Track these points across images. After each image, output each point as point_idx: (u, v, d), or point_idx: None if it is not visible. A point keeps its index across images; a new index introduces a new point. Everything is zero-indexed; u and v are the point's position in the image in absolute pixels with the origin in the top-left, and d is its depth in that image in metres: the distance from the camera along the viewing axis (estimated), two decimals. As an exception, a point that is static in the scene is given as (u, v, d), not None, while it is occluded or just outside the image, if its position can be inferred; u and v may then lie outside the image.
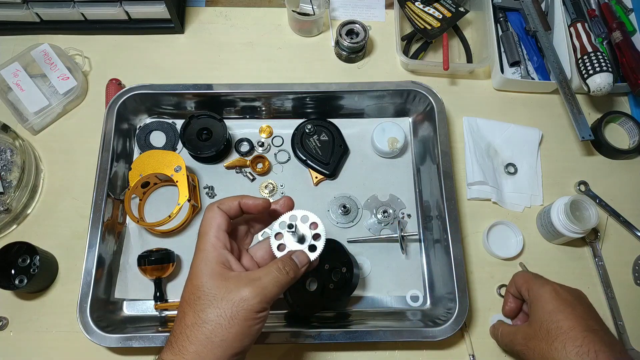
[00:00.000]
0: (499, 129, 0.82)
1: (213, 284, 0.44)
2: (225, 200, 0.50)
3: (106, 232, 0.69)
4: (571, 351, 0.51)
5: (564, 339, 0.52)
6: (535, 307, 0.57)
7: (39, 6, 0.82)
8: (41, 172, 0.77)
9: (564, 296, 0.57)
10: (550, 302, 0.56)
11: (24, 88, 0.79)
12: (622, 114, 0.82)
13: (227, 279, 0.45)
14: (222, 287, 0.44)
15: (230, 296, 0.44)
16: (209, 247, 0.47)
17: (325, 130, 0.79)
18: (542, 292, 0.57)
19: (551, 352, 0.52)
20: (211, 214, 0.49)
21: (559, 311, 0.55)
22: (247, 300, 0.43)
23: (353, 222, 0.76)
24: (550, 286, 0.58)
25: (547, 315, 0.55)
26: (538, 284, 0.59)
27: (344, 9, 0.93)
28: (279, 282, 0.46)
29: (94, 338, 0.62)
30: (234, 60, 0.87)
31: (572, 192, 0.79)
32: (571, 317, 0.54)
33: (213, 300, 0.44)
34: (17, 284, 0.68)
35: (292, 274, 0.47)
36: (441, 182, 0.71)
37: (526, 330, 0.58)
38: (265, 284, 0.45)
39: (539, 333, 0.55)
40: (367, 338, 0.64)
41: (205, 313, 0.43)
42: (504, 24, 0.88)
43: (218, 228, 0.48)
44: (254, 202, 0.50)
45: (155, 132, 0.80)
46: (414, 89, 0.77)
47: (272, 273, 0.46)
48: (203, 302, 0.44)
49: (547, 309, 0.56)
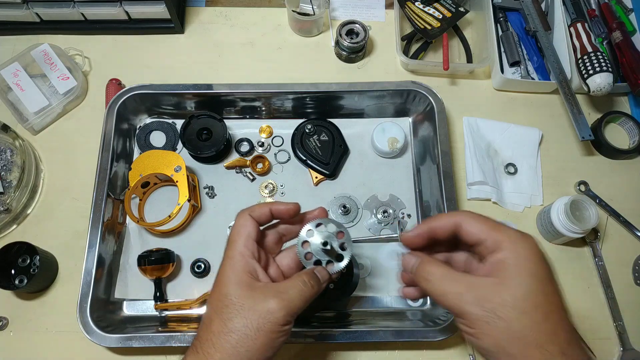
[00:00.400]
0: (499, 129, 0.82)
1: (240, 293, 0.44)
2: (256, 207, 0.50)
3: (106, 232, 0.69)
4: (562, 337, 0.38)
5: (556, 321, 0.38)
6: (517, 267, 0.39)
7: (39, 6, 0.82)
8: (41, 172, 0.77)
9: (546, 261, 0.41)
10: (541, 265, 0.40)
11: (24, 88, 0.79)
12: (622, 114, 0.82)
13: (254, 289, 0.45)
14: (249, 297, 0.44)
15: (257, 307, 0.43)
16: (237, 256, 0.46)
17: (325, 130, 0.79)
18: (529, 249, 0.40)
19: (537, 335, 0.37)
20: (242, 221, 0.48)
21: (550, 280, 0.40)
22: (273, 312, 0.43)
23: (353, 222, 0.76)
24: (534, 241, 0.41)
25: (536, 283, 0.39)
26: (516, 235, 0.41)
27: (344, 9, 0.93)
28: (304, 296, 0.45)
29: (94, 338, 0.62)
30: (234, 60, 0.87)
31: (572, 192, 0.79)
32: (558, 291, 0.41)
33: (240, 309, 0.43)
34: (17, 284, 0.68)
35: (316, 288, 0.47)
36: (441, 182, 0.71)
37: (495, 289, 0.39)
38: (291, 297, 0.45)
39: (521, 303, 0.38)
40: (367, 338, 0.64)
41: (232, 322, 0.43)
42: (504, 24, 0.88)
43: (247, 237, 0.47)
44: (286, 207, 0.50)
45: (155, 132, 0.80)
46: (414, 89, 0.77)
47: (297, 286, 0.46)
48: (230, 310, 0.44)
49: (538, 274, 0.39)
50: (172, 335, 0.63)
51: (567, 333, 0.38)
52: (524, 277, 0.39)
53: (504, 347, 0.37)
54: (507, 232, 0.41)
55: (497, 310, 0.38)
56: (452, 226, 0.44)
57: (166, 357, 0.67)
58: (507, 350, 0.37)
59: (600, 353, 0.69)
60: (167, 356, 0.67)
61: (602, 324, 0.71)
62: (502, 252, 0.40)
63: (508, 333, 0.37)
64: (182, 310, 0.69)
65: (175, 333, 0.63)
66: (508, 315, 0.37)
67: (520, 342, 0.37)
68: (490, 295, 0.39)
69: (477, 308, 0.38)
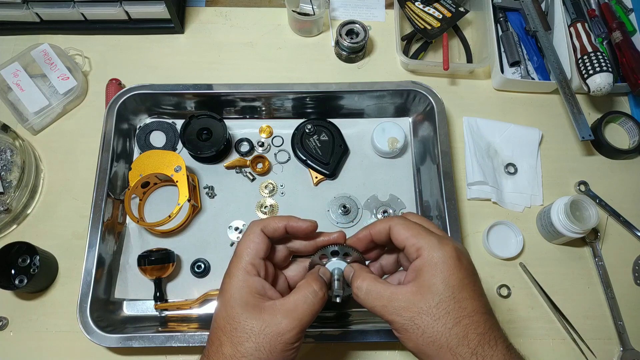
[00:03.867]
0: (499, 129, 0.82)
1: (249, 315, 0.44)
2: (270, 221, 0.48)
3: (106, 232, 0.69)
4: (473, 339, 0.40)
5: (467, 324, 0.41)
6: (432, 276, 0.42)
7: (39, 6, 0.82)
8: (41, 172, 0.77)
9: (465, 264, 0.43)
10: (455, 273, 0.42)
11: (24, 88, 0.79)
12: (622, 114, 0.82)
13: (263, 311, 0.44)
14: (258, 320, 0.43)
15: (268, 330, 0.43)
16: (242, 274, 0.46)
17: (325, 130, 0.79)
18: (443, 257, 0.43)
19: (448, 339, 0.40)
20: (252, 236, 0.47)
21: (463, 287, 0.42)
22: (284, 333, 0.43)
23: (353, 222, 0.76)
24: (451, 248, 0.43)
25: (448, 291, 0.41)
26: (434, 243, 0.43)
27: (344, 9, 0.93)
28: (314, 310, 0.45)
29: (94, 338, 0.62)
30: (234, 60, 0.87)
31: (572, 192, 0.79)
32: (474, 296, 0.42)
33: (251, 334, 0.43)
34: (17, 284, 0.68)
35: (323, 293, 0.46)
36: (441, 182, 0.71)
37: (412, 299, 0.42)
38: (301, 315, 0.44)
39: (434, 311, 0.41)
40: (367, 338, 0.64)
41: (244, 347, 0.42)
42: (504, 24, 0.88)
43: (255, 254, 0.46)
44: (302, 226, 0.48)
45: (155, 132, 0.80)
46: (414, 89, 0.77)
47: (307, 300, 0.45)
48: (240, 334, 0.43)
49: (450, 282, 0.42)
50: (172, 335, 0.63)
51: (479, 335, 0.41)
52: (437, 285, 0.42)
53: (423, 349, 0.42)
54: (428, 239, 0.44)
55: (414, 318, 0.41)
56: (385, 231, 0.47)
57: (166, 357, 0.67)
58: (425, 352, 0.42)
59: (600, 353, 0.69)
60: (167, 356, 0.67)
61: (602, 324, 0.71)
62: (420, 260, 0.43)
63: (424, 338, 0.41)
64: (182, 310, 0.69)
65: (175, 333, 0.63)
66: (423, 322, 0.41)
67: (435, 345, 0.41)
68: (408, 305, 0.42)
69: (398, 317, 0.42)
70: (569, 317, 0.70)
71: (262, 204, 0.76)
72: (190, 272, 0.72)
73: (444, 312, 0.41)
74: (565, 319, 0.70)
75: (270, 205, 0.76)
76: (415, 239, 0.44)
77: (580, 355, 0.68)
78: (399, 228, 0.46)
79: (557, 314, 0.70)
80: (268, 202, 0.76)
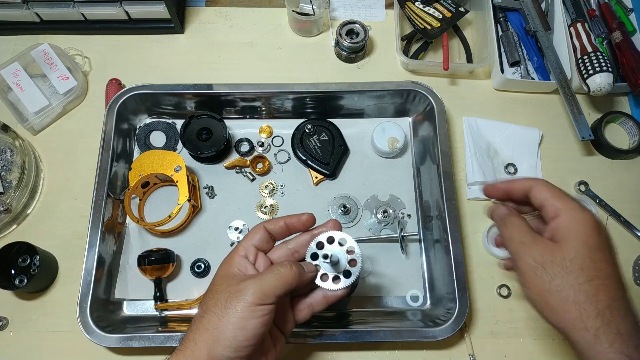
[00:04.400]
0: (499, 129, 0.82)
1: (220, 280, 0.48)
2: (273, 219, 0.52)
3: (106, 232, 0.69)
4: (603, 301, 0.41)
5: (598, 285, 0.41)
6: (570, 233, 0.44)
7: (39, 6, 0.82)
8: (41, 172, 0.77)
9: (603, 231, 0.45)
10: (593, 235, 0.44)
11: (24, 88, 0.79)
12: (622, 114, 0.82)
13: (234, 277, 0.47)
14: (225, 282, 0.47)
15: (229, 289, 0.46)
16: (232, 255, 0.50)
17: (325, 130, 0.79)
18: (584, 220, 0.44)
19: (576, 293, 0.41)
20: (253, 229, 0.52)
21: (601, 250, 0.43)
22: (242, 290, 0.45)
23: (353, 222, 0.76)
24: (591, 215, 0.45)
25: (585, 249, 0.43)
26: (575, 206, 0.45)
27: (344, 9, 0.93)
28: (281, 277, 0.46)
29: (94, 338, 0.62)
30: (234, 60, 0.87)
31: (572, 192, 0.79)
32: (610, 260, 0.43)
33: (215, 293, 0.47)
34: (17, 284, 0.68)
35: (297, 272, 0.47)
36: (441, 182, 0.71)
37: (549, 247, 0.44)
38: (265, 277, 0.46)
39: (568, 264, 0.42)
40: (367, 338, 0.64)
41: (206, 304, 0.46)
42: (504, 24, 0.88)
43: (248, 241, 0.50)
44: (299, 219, 0.51)
45: (155, 132, 0.80)
46: (414, 89, 0.77)
47: (275, 269, 0.47)
48: (207, 295, 0.48)
49: (588, 242, 0.43)
50: (172, 335, 0.63)
51: (609, 299, 0.41)
52: (575, 242, 0.43)
53: (546, 298, 0.43)
54: (568, 202, 0.45)
55: (546, 264, 0.43)
56: (525, 189, 0.48)
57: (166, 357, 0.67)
58: (548, 302, 0.43)
59: (600, 353, 0.68)
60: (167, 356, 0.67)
61: (602, 324, 0.71)
62: (560, 219, 0.45)
63: (551, 286, 0.42)
64: (182, 310, 0.70)
65: (175, 333, 0.63)
66: (554, 271, 0.42)
67: (560, 296, 0.42)
68: (544, 251, 0.44)
69: (530, 259, 0.44)
70: (569, 317, 0.70)
71: (262, 204, 0.76)
72: (190, 272, 0.72)
73: (578, 267, 0.42)
74: (565, 318, 0.70)
75: (270, 205, 0.76)
76: (556, 200, 0.45)
77: (580, 355, 0.68)
78: (541, 187, 0.47)
79: (557, 314, 0.70)
80: (268, 202, 0.76)
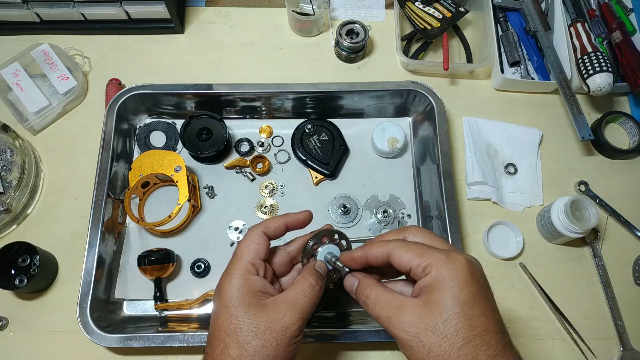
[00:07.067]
0: (499, 129, 0.82)
1: (252, 314, 0.43)
2: (270, 222, 0.49)
3: (106, 232, 0.69)
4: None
5: (477, 345, 0.38)
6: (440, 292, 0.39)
7: (39, 6, 0.82)
8: (41, 172, 0.77)
9: (477, 277, 0.41)
10: (465, 287, 0.39)
11: (24, 88, 0.79)
12: (622, 114, 0.82)
13: (265, 308, 0.44)
14: (262, 317, 0.43)
15: (273, 326, 0.43)
16: (243, 273, 0.45)
17: (325, 130, 0.79)
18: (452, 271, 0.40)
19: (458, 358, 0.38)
20: (253, 237, 0.47)
21: (475, 303, 0.39)
22: (289, 327, 0.43)
23: (353, 222, 0.76)
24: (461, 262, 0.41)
25: (457, 307, 0.39)
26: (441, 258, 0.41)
27: (344, 9, 0.93)
28: (313, 301, 0.45)
29: (94, 338, 0.62)
30: (234, 60, 0.87)
31: (572, 192, 0.79)
32: (487, 312, 0.40)
33: (257, 331, 0.43)
34: (17, 284, 0.68)
35: (321, 286, 0.47)
36: (441, 182, 0.71)
37: (419, 313, 0.40)
38: (302, 307, 0.44)
39: (442, 328, 0.38)
40: (367, 338, 0.64)
41: (251, 346, 0.42)
42: (504, 24, 0.88)
43: (256, 255, 0.46)
44: (300, 216, 0.49)
45: (155, 132, 0.80)
46: (414, 89, 0.77)
47: (306, 292, 0.45)
48: (246, 334, 0.43)
49: (460, 298, 0.39)
50: (172, 335, 0.63)
51: (490, 358, 0.38)
52: (446, 301, 0.39)
53: None
54: (436, 255, 0.41)
55: (420, 335, 0.39)
56: (384, 256, 0.44)
57: (166, 357, 0.67)
58: None
59: (601, 353, 0.69)
60: (167, 356, 0.67)
61: (602, 324, 0.71)
62: (428, 277, 0.40)
63: (429, 357, 0.38)
64: (182, 310, 0.70)
65: (175, 333, 0.63)
66: (429, 340, 0.38)
67: None
68: (414, 320, 0.39)
69: (403, 333, 0.40)
70: (569, 317, 0.70)
71: (262, 204, 0.76)
72: (190, 272, 0.72)
73: (452, 330, 0.38)
74: (565, 319, 0.70)
75: (270, 205, 0.76)
76: (420, 259, 0.41)
77: (580, 355, 0.68)
78: (400, 252, 0.42)
79: (557, 314, 0.70)
80: (268, 202, 0.76)
